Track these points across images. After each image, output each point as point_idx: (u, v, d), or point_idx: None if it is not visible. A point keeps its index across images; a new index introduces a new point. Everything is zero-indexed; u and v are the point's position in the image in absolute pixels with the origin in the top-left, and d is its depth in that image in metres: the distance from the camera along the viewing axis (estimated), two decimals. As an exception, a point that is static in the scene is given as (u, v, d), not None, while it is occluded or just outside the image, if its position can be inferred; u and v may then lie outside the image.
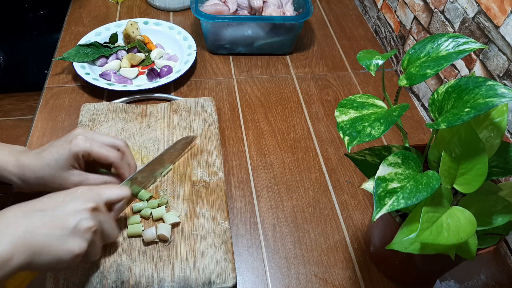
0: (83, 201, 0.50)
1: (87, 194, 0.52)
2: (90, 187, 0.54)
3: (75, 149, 0.58)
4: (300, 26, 0.94)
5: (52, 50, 0.96)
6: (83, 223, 0.49)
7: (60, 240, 0.47)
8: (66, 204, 0.50)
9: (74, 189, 0.52)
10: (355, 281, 0.61)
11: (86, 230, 0.49)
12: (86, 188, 0.53)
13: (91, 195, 0.52)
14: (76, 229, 0.48)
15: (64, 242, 0.47)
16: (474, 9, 0.70)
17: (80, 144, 0.59)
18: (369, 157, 0.52)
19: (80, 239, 0.49)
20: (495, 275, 0.64)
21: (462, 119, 0.40)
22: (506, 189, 0.49)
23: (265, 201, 0.70)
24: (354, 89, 0.92)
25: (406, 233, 0.44)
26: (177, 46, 0.94)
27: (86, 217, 0.49)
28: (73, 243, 0.48)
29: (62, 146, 0.58)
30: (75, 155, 0.58)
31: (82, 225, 0.49)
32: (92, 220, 0.50)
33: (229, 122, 0.82)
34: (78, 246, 0.48)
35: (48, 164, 0.58)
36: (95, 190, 0.53)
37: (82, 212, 0.49)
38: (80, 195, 0.51)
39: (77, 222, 0.49)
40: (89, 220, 0.50)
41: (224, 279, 0.57)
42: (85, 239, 0.49)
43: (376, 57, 0.49)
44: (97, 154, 0.60)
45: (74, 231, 0.48)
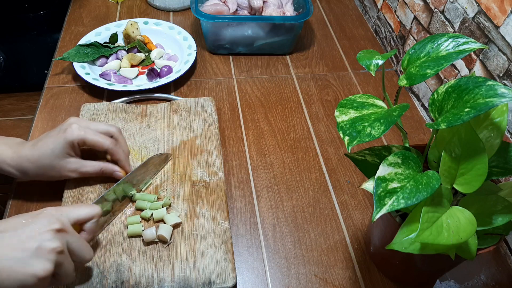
0: (47, 222, 0.48)
1: (52, 215, 0.49)
2: (57, 207, 0.51)
3: (70, 138, 0.59)
4: (300, 26, 0.94)
5: (52, 50, 0.96)
6: (46, 244, 0.46)
7: (21, 263, 0.44)
8: (29, 225, 0.47)
9: (39, 210, 0.50)
10: (355, 281, 0.61)
11: (50, 251, 0.46)
12: (52, 209, 0.50)
13: (57, 215, 0.49)
14: (39, 251, 0.45)
15: (26, 264, 0.44)
16: (474, 9, 0.70)
17: (75, 132, 0.59)
18: (369, 157, 0.52)
19: (44, 260, 0.45)
20: (495, 275, 0.64)
21: (462, 119, 0.40)
22: (506, 189, 0.49)
23: (265, 201, 0.70)
24: (354, 89, 0.92)
25: (406, 233, 0.44)
26: (177, 46, 0.94)
27: (49, 238, 0.46)
28: (36, 265, 0.45)
29: (57, 136, 0.59)
30: (70, 144, 0.59)
31: (45, 246, 0.46)
32: (56, 240, 0.47)
33: (229, 122, 0.82)
34: (42, 268, 0.45)
35: (44, 154, 0.59)
36: (61, 210, 0.51)
37: (45, 233, 0.46)
38: (44, 216, 0.48)
39: (39, 243, 0.46)
40: (52, 240, 0.46)
41: (224, 279, 0.57)
42: (50, 260, 0.46)
43: (376, 57, 0.49)
44: (92, 141, 0.61)
45: (37, 253, 0.45)
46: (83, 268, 0.57)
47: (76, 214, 0.52)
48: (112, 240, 0.60)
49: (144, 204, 0.63)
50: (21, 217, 0.49)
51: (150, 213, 0.62)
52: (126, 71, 0.87)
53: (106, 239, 0.60)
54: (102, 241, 0.60)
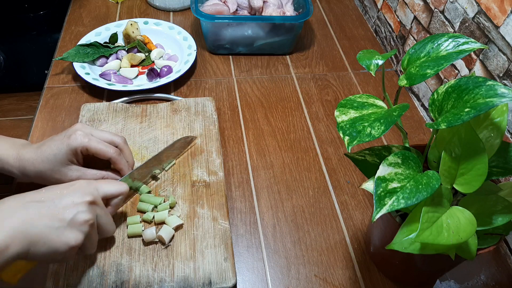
0: (81, 194, 0.51)
1: (85, 188, 0.52)
2: (89, 181, 0.54)
3: (74, 144, 0.59)
4: (300, 26, 0.94)
5: (52, 50, 0.96)
6: (81, 215, 0.49)
7: (57, 232, 0.47)
8: (64, 196, 0.50)
9: (72, 182, 0.53)
10: (355, 281, 0.61)
11: (83, 223, 0.49)
12: (84, 181, 0.53)
13: (89, 188, 0.52)
14: (73, 222, 0.49)
15: (61, 233, 0.48)
16: (474, 9, 0.70)
17: (79, 139, 0.59)
18: (369, 157, 0.52)
19: (77, 231, 0.49)
20: (495, 275, 0.64)
21: (462, 119, 0.40)
22: (506, 189, 0.49)
23: (265, 201, 0.70)
24: (354, 89, 0.92)
25: (406, 233, 0.44)
26: (177, 46, 0.94)
27: (84, 210, 0.50)
28: (69, 235, 0.48)
29: (61, 141, 0.59)
30: (73, 150, 0.59)
31: (79, 218, 0.49)
32: (89, 213, 0.50)
33: (229, 122, 0.82)
34: (75, 238, 0.48)
35: (47, 158, 0.59)
36: (93, 184, 0.54)
37: (79, 205, 0.50)
38: (78, 188, 0.51)
39: (74, 214, 0.49)
40: (86, 213, 0.50)
41: (224, 279, 0.57)
42: (82, 231, 0.49)
43: (376, 57, 0.49)
44: (95, 149, 0.60)
45: (71, 223, 0.48)
46: (83, 268, 0.57)
47: (106, 189, 0.55)
48: (112, 240, 0.60)
49: (146, 206, 0.63)
50: (56, 188, 0.51)
51: (152, 216, 0.62)
52: (126, 71, 0.87)
53: (106, 239, 0.60)
54: (102, 241, 0.60)
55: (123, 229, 0.61)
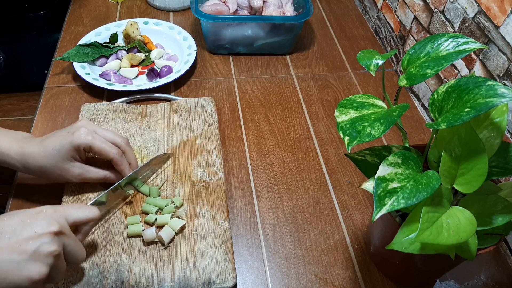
0: (45, 224, 0.47)
1: (51, 216, 0.48)
2: (56, 207, 0.50)
3: (77, 141, 0.58)
4: (300, 26, 0.94)
5: (52, 50, 0.96)
6: (44, 247, 0.45)
7: (18, 266, 0.44)
8: (27, 226, 0.46)
9: (38, 208, 0.49)
10: (355, 281, 0.61)
11: (47, 255, 0.46)
12: (51, 208, 0.49)
13: (55, 216, 0.48)
14: (36, 254, 0.45)
15: (23, 268, 0.44)
16: (474, 9, 0.70)
17: (83, 136, 0.59)
18: (369, 157, 0.52)
19: (40, 264, 0.45)
20: (495, 275, 0.64)
21: (462, 119, 0.40)
22: (506, 189, 0.49)
23: (265, 201, 0.70)
24: (354, 89, 0.92)
25: (406, 233, 0.44)
26: (177, 46, 0.94)
27: (48, 241, 0.46)
28: (32, 268, 0.45)
29: (64, 137, 0.58)
30: (76, 147, 0.59)
31: (43, 250, 0.45)
32: (53, 244, 0.46)
33: (229, 122, 0.82)
34: (38, 271, 0.45)
35: (50, 154, 0.58)
36: (60, 211, 0.50)
37: (43, 236, 0.46)
38: (43, 217, 0.47)
39: (37, 246, 0.45)
40: (50, 244, 0.46)
41: (224, 279, 0.57)
42: (46, 264, 0.46)
43: (376, 57, 0.49)
44: (98, 149, 0.60)
45: (34, 256, 0.45)
46: (83, 268, 0.57)
47: (75, 216, 0.51)
48: (112, 240, 0.60)
49: (150, 208, 0.63)
50: (19, 214, 0.47)
51: (154, 218, 0.62)
52: (126, 71, 0.87)
53: (106, 239, 0.60)
54: (102, 241, 0.60)
55: (123, 229, 0.61)
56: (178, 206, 0.64)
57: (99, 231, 0.61)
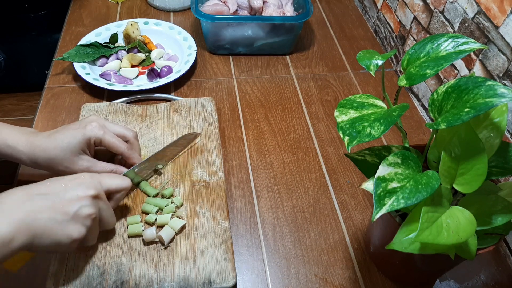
0: (85, 188, 0.51)
1: (89, 182, 0.53)
2: (92, 174, 0.54)
3: (89, 134, 0.60)
4: (300, 26, 0.94)
5: (52, 50, 0.96)
6: (84, 209, 0.50)
7: (61, 225, 0.48)
8: (69, 189, 0.51)
9: (77, 175, 0.53)
10: (355, 281, 0.61)
11: (86, 217, 0.50)
12: (88, 175, 0.54)
13: (93, 182, 0.53)
14: (77, 215, 0.50)
15: (65, 227, 0.49)
16: (473, 9, 0.70)
17: (94, 130, 0.61)
18: (369, 157, 0.52)
19: (80, 225, 0.50)
20: (495, 275, 0.64)
21: (462, 119, 0.40)
22: (505, 189, 0.49)
23: (265, 201, 0.70)
24: (354, 89, 0.92)
25: (406, 233, 0.44)
26: (177, 46, 0.94)
27: (87, 204, 0.51)
28: (73, 228, 0.49)
29: (76, 130, 0.60)
30: (87, 141, 0.60)
31: (83, 212, 0.50)
32: (92, 207, 0.51)
33: (229, 122, 0.82)
34: (78, 231, 0.50)
35: (60, 146, 0.59)
36: (96, 177, 0.54)
37: (83, 199, 0.51)
38: (82, 182, 0.52)
39: (78, 208, 0.50)
40: (89, 207, 0.51)
41: (224, 279, 0.57)
42: (84, 225, 0.50)
43: (376, 57, 0.50)
44: (109, 143, 0.62)
45: (75, 217, 0.49)
46: (84, 267, 0.57)
47: (109, 184, 0.56)
48: (112, 240, 0.60)
49: (151, 208, 0.63)
50: (60, 180, 0.52)
51: (154, 218, 0.62)
52: (126, 71, 0.87)
53: (106, 239, 0.60)
54: (102, 241, 0.60)
55: (123, 229, 0.61)
56: (178, 206, 0.64)
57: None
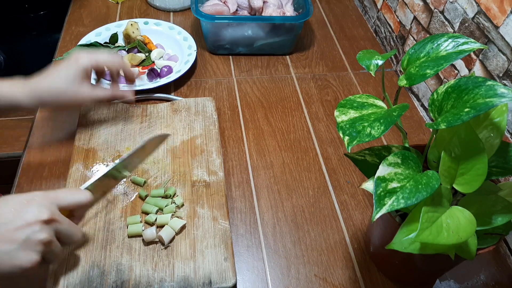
0: (36, 212, 0.47)
1: (41, 204, 0.48)
2: (46, 193, 0.50)
3: (84, 63, 0.64)
4: (300, 26, 0.94)
5: (52, 50, 0.96)
6: (35, 236, 0.46)
7: (9, 255, 0.45)
8: (17, 216, 0.46)
9: (28, 196, 0.49)
10: (355, 281, 0.61)
11: (37, 243, 0.46)
12: (41, 195, 0.49)
13: (46, 204, 0.48)
14: (27, 243, 0.46)
15: (13, 257, 0.45)
16: (473, 9, 0.70)
17: (87, 58, 0.65)
18: (369, 157, 0.52)
19: (32, 252, 0.46)
20: (495, 275, 0.64)
21: (462, 119, 0.40)
22: (505, 189, 0.49)
23: (265, 201, 0.70)
24: (354, 89, 0.92)
25: (406, 233, 0.44)
26: (177, 46, 0.94)
27: (38, 229, 0.46)
28: (23, 257, 0.45)
29: (68, 64, 0.64)
30: (84, 69, 0.64)
31: (34, 238, 0.46)
32: (44, 232, 0.47)
33: (229, 122, 0.82)
34: (29, 260, 0.46)
35: (60, 77, 0.63)
36: (51, 197, 0.50)
37: (33, 225, 0.46)
38: (33, 205, 0.47)
39: (27, 235, 0.46)
40: (40, 232, 0.46)
41: (224, 279, 0.57)
42: (37, 251, 0.46)
43: (376, 57, 0.50)
44: (104, 59, 0.67)
45: (25, 245, 0.46)
46: (84, 267, 0.57)
47: (66, 201, 0.51)
48: (112, 240, 0.60)
49: (151, 208, 0.63)
50: (10, 202, 0.48)
51: (154, 218, 0.62)
52: (126, 71, 0.87)
53: (106, 239, 0.60)
54: (102, 241, 0.60)
55: (123, 229, 0.61)
56: (179, 205, 0.64)
57: (99, 231, 0.61)
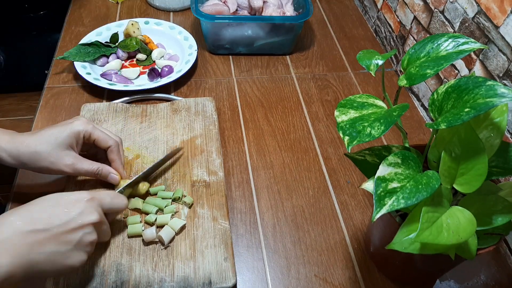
0: (88, 214, 0.50)
1: (91, 206, 0.51)
2: (93, 194, 0.52)
3: (78, 128, 0.60)
4: (300, 26, 0.94)
5: (52, 50, 0.96)
6: (87, 237, 0.49)
7: (63, 256, 0.47)
8: (71, 218, 0.49)
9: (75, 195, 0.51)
10: (355, 281, 0.61)
11: (88, 244, 0.50)
12: (89, 196, 0.52)
13: (95, 206, 0.51)
14: (80, 244, 0.49)
15: (67, 257, 0.48)
16: (474, 9, 0.70)
17: (83, 125, 0.61)
18: (369, 157, 0.52)
19: (82, 252, 0.49)
20: (495, 275, 0.64)
21: (462, 119, 0.40)
22: (506, 189, 0.49)
23: (265, 201, 0.70)
24: (354, 89, 0.92)
25: (406, 233, 0.44)
26: (178, 46, 0.94)
27: (90, 231, 0.50)
28: (75, 257, 0.48)
29: (63, 125, 0.61)
30: (76, 134, 0.60)
31: (86, 240, 0.49)
32: (94, 233, 0.50)
33: (229, 122, 0.82)
34: (80, 259, 0.49)
35: (46, 140, 0.59)
36: (97, 199, 0.52)
37: (86, 227, 0.49)
38: (84, 207, 0.50)
39: (80, 237, 0.49)
40: (92, 234, 0.50)
41: (224, 279, 0.57)
42: (86, 251, 0.50)
43: (376, 57, 0.49)
44: (98, 135, 0.62)
45: (77, 245, 0.49)
46: (84, 268, 0.57)
47: (109, 205, 0.54)
48: (112, 240, 0.60)
49: (151, 208, 0.63)
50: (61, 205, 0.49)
51: (154, 218, 0.62)
52: (127, 71, 0.87)
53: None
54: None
55: (123, 229, 0.61)
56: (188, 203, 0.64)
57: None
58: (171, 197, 0.65)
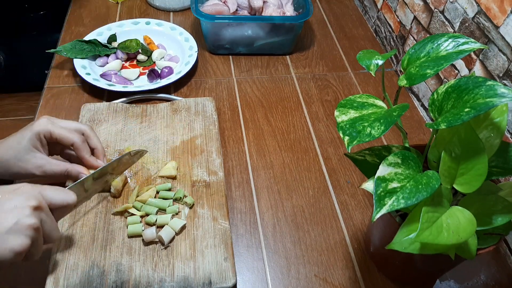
0: (25, 198, 0.47)
1: (30, 192, 0.48)
2: (33, 185, 0.50)
3: (37, 129, 0.59)
4: (300, 26, 0.94)
5: (52, 50, 0.96)
6: (25, 220, 0.46)
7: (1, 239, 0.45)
8: (6, 201, 0.47)
9: (16, 185, 0.49)
10: (355, 281, 0.61)
11: (28, 227, 0.46)
12: (29, 185, 0.50)
13: (34, 193, 0.49)
14: (17, 226, 0.46)
15: (5, 240, 0.45)
16: (474, 9, 0.70)
17: (42, 124, 0.59)
18: (369, 157, 0.52)
19: (22, 236, 0.46)
20: (495, 275, 0.64)
21: (462, 119, 0.40)
22: (506, 189, 0.49)
23: (265, 201, 0.70)
24: (354, 89, 0.92)
25: (406, 233, 0.44)
26: (178, 47, 0.94)
27: (28, 214, 0.47)
28: (14, 241, 0.45)
29: (24, 129, 0.59)
30: (36, 135, 0.59)
31: (24, 222, 0.46)
32: (33, 217, 0.47)
33: (229, 122, 0.82)
34: (20, 243, 0.46)
35: (11, 146, 0.58)
36: (38, 188, 0.50)
37: (23, 209, 0.47)
38: (21, 193, 0.48)
39: (18, 219, 0.46)
40: (30, 217, 0.47)
41: (224, 279, 0.57)
42: (27, 236, 0.46)
43: (376, 57, 0.50)
44: (58, 134, 0.60)
45: (15, 229, 0.46)
46: (84, 268, 0.57)
47: (52, 197, 0.51)
48: (112, 240, 0.60)
49: (151, 209, 0.63)
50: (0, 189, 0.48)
51: (155, 219, 0.62)
52: (127, 72, 0.87)
53: (106, 239, 0.60)
54: (102, 241, 0.60)
55: (123, 229, 0.61)
56: (189, 204, 0.64)
57: (99, 231, 0.61)
58: (173, 197, 0.64)
